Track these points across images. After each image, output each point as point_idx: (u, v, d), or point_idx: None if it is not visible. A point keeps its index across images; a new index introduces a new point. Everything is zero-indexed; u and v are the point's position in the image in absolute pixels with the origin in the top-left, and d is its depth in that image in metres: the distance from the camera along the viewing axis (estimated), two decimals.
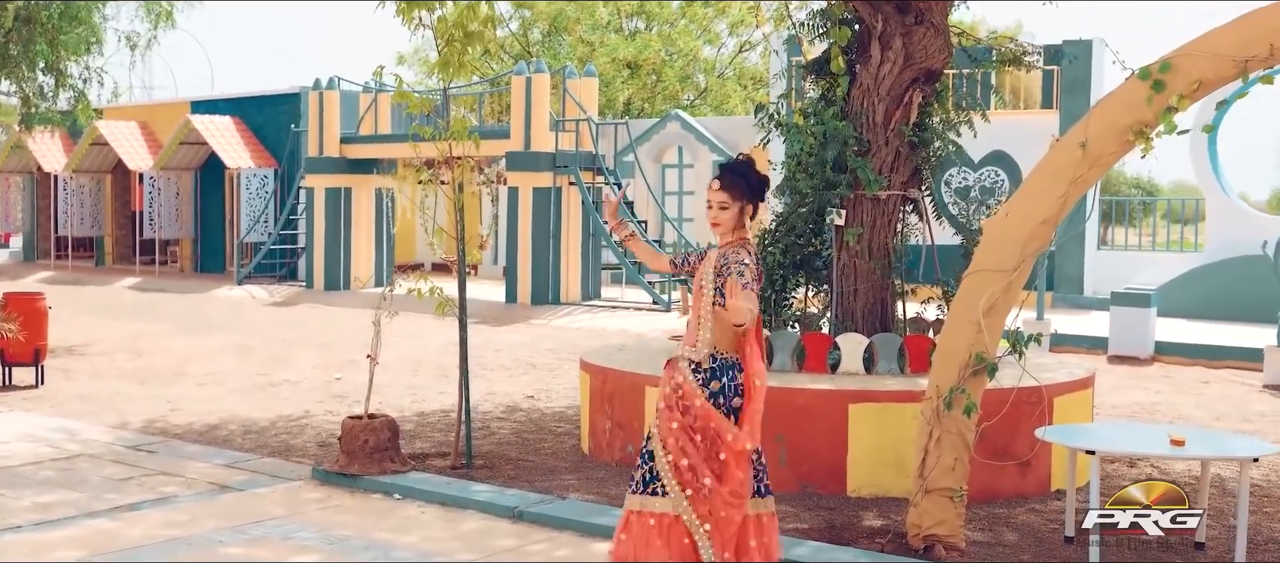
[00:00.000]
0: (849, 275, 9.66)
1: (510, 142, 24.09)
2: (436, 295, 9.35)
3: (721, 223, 6.08)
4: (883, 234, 9.66)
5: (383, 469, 8.82)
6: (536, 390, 13.67)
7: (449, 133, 9.60)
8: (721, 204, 6.07)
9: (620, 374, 9.36)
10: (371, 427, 8.93)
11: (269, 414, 12.05)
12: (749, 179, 6.09)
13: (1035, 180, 7.02)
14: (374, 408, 12.40)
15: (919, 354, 9.27)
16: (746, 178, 6.09)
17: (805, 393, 8.55)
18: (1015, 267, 6.99)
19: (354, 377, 14.56)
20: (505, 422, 11.57)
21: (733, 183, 6.07)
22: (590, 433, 9.80)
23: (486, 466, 9.41)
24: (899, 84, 9.45)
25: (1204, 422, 12.56)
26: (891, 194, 9.54)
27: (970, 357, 7.06)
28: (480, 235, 30.64)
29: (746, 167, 6.14)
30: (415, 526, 7.80)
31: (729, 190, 6.07)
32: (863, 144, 9.42)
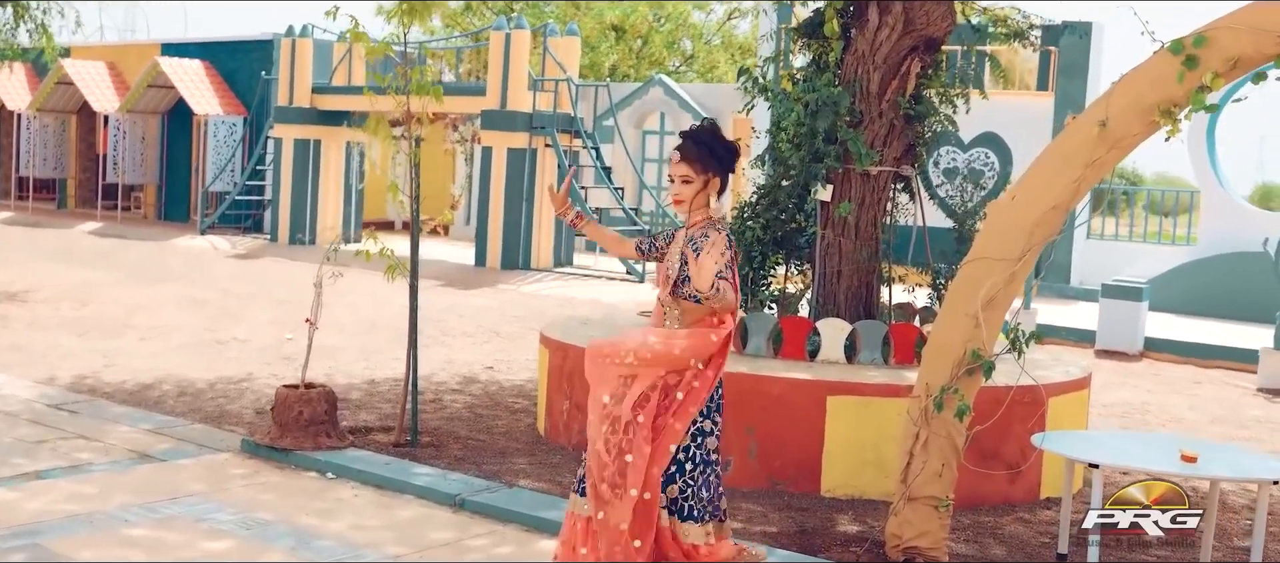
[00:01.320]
0: (833, 255, 8.95)
1: (486, 99, 23.26)
2: (386, 256, 8.51)
3: (684, 200, 5.41)
4: (871, 213, 8.94)
5: (317, 444, 8.09)
6: (498, 361, 12.94)
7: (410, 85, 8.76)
8: (683, 178, 5.38)
9: (580, 351, 8.57)
10: (307, 398, 8.19)
11: (209, 374, 11.30)
12: (714, 148, 5.38)
13: (1047, 161, 6.30)
14: (324, 372, 11.74)
15: (905, 345, 8.58)
16: (711, 147, 5.38)
17: (780, 382, 7.85)
18: (1020, 256, 6.28)
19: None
20: (460, 394, 10.85)
21: (695, 153, 5.37)
22: (547, 413, 9.09)
23: (433, 444, 8.69)
24: (897, 52, 8.72)
25: (1198, 426, 11.93)
26: (883, 170, 8.82)
27: (965, 353, 6.36)
28: (452, 195, 29.84)
29: (711, 134, 5.43)
30: (346, 510, 7.07)
31: (691, 162, 5.37)
32: (855, 115, 8.69)
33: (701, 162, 5.35)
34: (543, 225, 23.06)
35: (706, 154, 5.35)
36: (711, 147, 5.37)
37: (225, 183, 28.97)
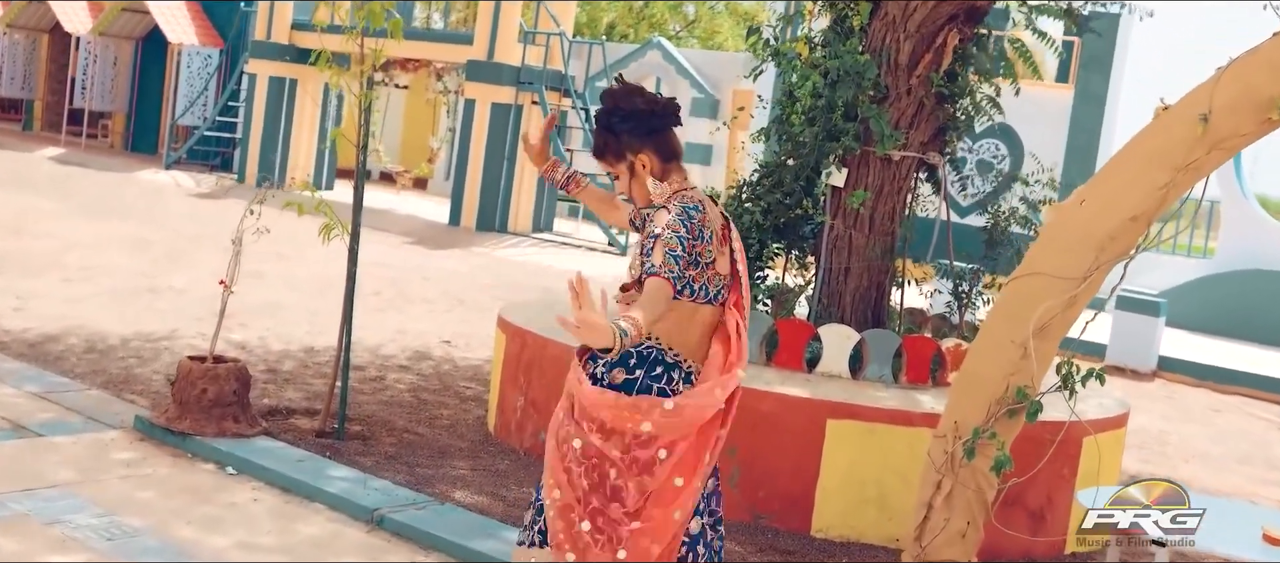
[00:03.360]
0: (841, 250, 7.71)
1: (473, 49, 21.93)
2: (322, 211, 7.23)
3: (628, 194, 4.20)
4: (889, 204, 7.71)
5: (221, 430, 6.83)
6: (456, 335, 11.68)
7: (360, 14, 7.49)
8: (611, 173, 4.18)
9: (541, 341, 7.39)
10: (213, 374, 6.93)
11: (129, 328, 10.02)
12: (614, 125, 4.10)
13: (1128, 161, 5.05)
14: (258, 335, 10.47)
15: (919, 361, 7.35)
16: (609, 127, 4.11)
17: (772, 398, 6.61)
18: (1085, 275, 5.05)
19: (252, 292, 12.49)
20: (406, 373, 9.58)
21: (601, 141, 4.16)
22: (499, 408, 7.83)
23: (362, 435, 7.44)
24: (933, 20, 7.47)
25: (1224, 465, 10.76)
26: (907, 156, 7.57)
27: (1008, 390, 5.13)
28: (431, 148, 28.49)
29: (611, 107, 4.12)
30: (238, 520, 5.82)
31: (601, 157, 4.18)
32: (880, 89, 7.44)
33: (611, 149, 4.11)
34: (523, 187, 21.76)
35: (610, 137, 4.10)
36: (609, 125, 4.09)
37: (195, 117, 27.58)
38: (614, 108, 4.07)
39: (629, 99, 4.08)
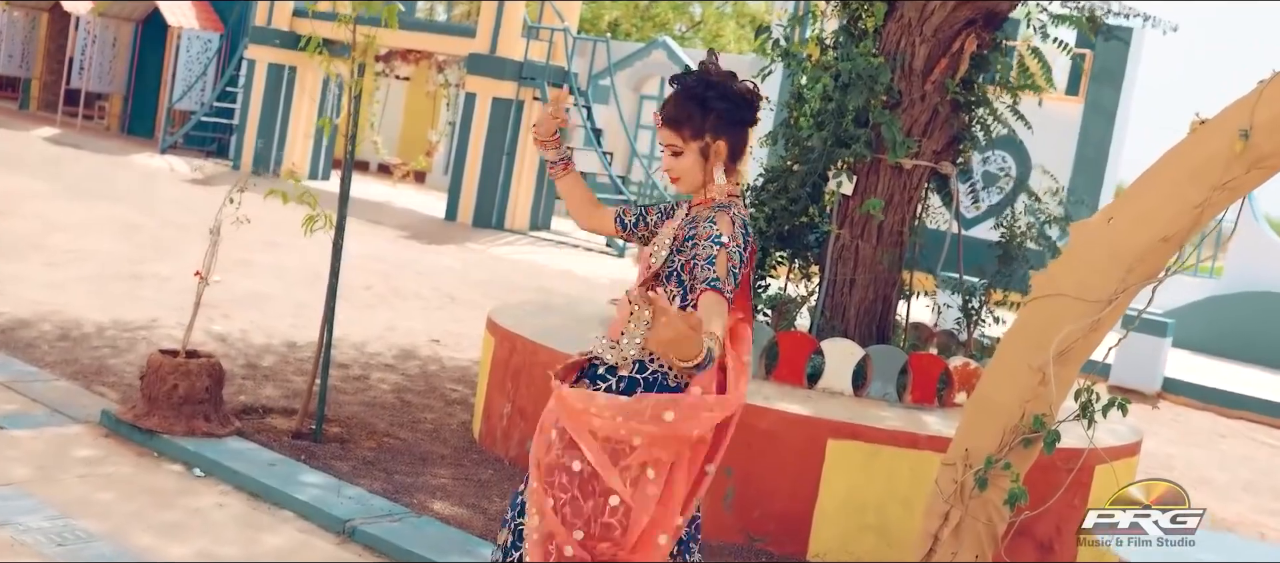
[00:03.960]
0: (847, 260, 7.39)
1: (475, 42, 21.58)
2: (306, 201, 6.89)
3: (680, 174, 3.74)
4: (899, 214, 7.39)
5: (191, 429, 6.50)
6: (447, 333, 11.34)
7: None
8: (671, 147, 3.72)
9: (531, 346, 7.05)
10: (185, 369, 6.59)
11: (107, 315, 9.68)
12: (708, 100, 3.70)
13: (1160, 178, 4.72)
14: (240, 327, 10.12)
15: (925, 380, 7.02)
16: (702, 99, 3.69)
17: (772, 415, 6.27)
18: (1111, 298, 4.72)
19: (238, 281, 12.19)
20: (392, 372, 9.25)
21: (682, 113, 3.69)
22: (485, 414, 7.50)
23: (341, 437, 7.11)
24: (950, 23, 7.14)
25: (1229, 492, 10.45)
26: (920, 165, 7.25)
27: (1024, 417, 4.81)
28: (429, 141, 28.14)
29: (702, 80, 3.73)
30: (200, 527, 5.49)
31: (676, 127, 3.70)
32: (894, 95, 7.11)
33: (692, 123, 3.67)
34: (522, 184, 21.41)
35: (698, 111, 3.66)
36: (703, 98, 3.67)
37: (193, 102, 27.22)
38: (714, 83, 3.72)
39: (730, 79, 3.74)
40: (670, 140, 3.71)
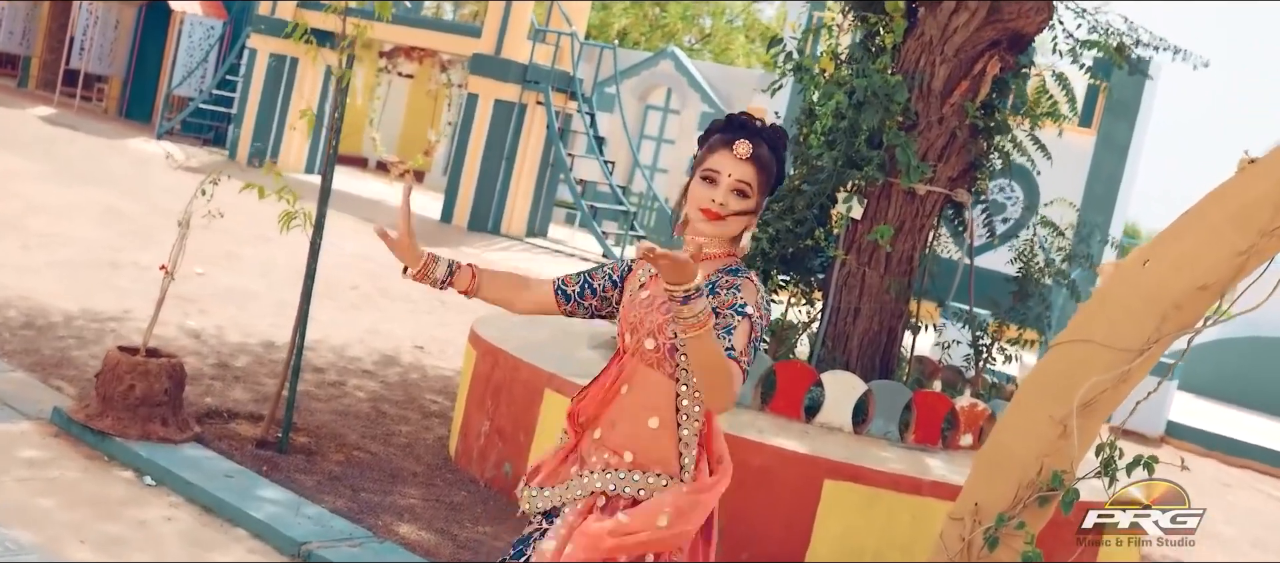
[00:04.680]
0: (853, 288, 6.99)
1: (480, 42, 21.17)
2: (284, 194, 6.49)
3: (725, 218, 3.20)
4: (909, 242, 7.00)
5: (146, 433, 6.08)
6: (431, 340, 10.93)
7: None
8: (740, 186, 3.19)
9: (514, 362, 6.65)
10: (144, 369, 6.18)
11: (77, 304, 9.27)
12: (780, 155, 3.28)
13: (1202, 220, 4.32)
14: (216, 324, 9.70)
15: (930, 420, 6.62)
16: (778, 152, 3.27)
17: (765, 450, 5.87)
18: (1144, 347, 4.32)
19: (221, 276, 11.80)
20: (369, 379, 8.84)
21: (767, 156, 3.22)
22: (462, 431, 7.09)
23: (308, 448, 6.70)
24: (973, 44, 6.76)
25: (1236, 547, 10.06)
26: (934, 192, 6.85)
27: (1042, 472, 4.41)
28: (428, 141, 27.72)
29: (782, 136, 3.30)
30: (143, 542, 5.08)
31: (761, 167, 3.20)
32: (910, 115, 6.72)
33: (768, 173, 3.23)
34: (520, 189, 20.99)
35: (774, 164, 3.25)
36: (780, 158, 3.28)
37: (192, 88, 26.81)
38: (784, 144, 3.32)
39: None
40: (747, 180, 3.19)
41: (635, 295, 3.28)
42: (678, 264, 2.71)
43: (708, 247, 3.19)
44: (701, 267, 3.04)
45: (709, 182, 3.19)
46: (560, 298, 3.40)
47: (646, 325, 3.20)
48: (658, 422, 3.20)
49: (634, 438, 3.20)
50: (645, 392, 3.21)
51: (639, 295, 3.26)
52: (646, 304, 3.22)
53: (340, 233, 16.98)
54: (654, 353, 3.18)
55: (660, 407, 3.20)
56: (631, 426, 3.22)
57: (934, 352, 8.38)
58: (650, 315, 3.19)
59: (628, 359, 3.26)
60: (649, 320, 3.19)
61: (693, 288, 2.76)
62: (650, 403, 3.20)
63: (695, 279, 2.76)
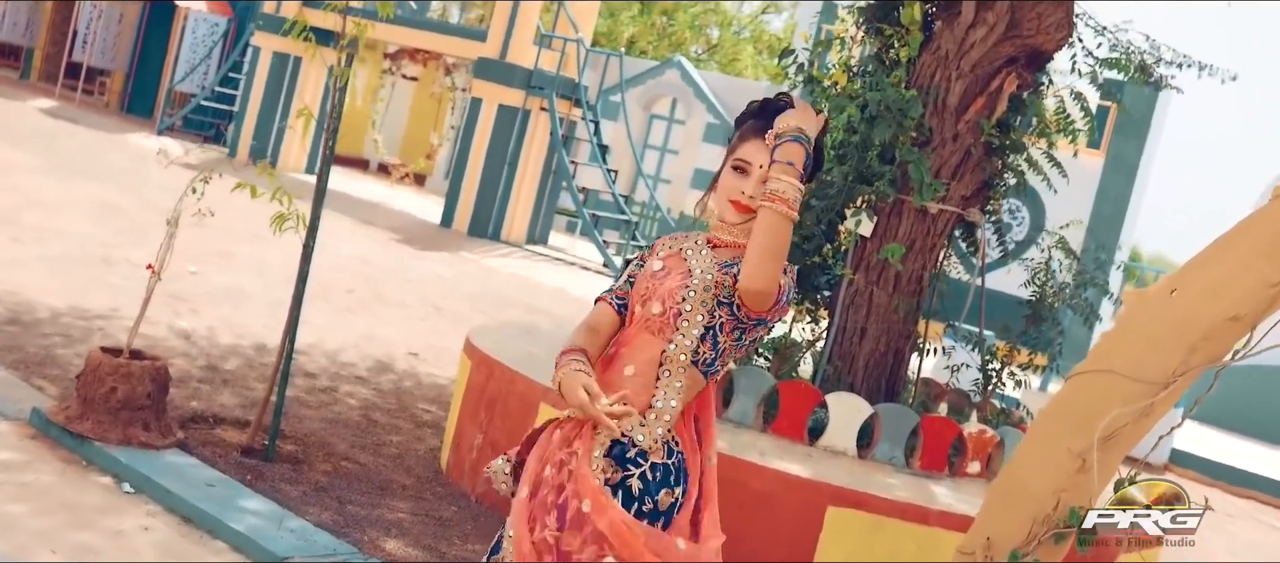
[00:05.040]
0: (860, 307, 6.80)
1: (485, 46, 20.98)
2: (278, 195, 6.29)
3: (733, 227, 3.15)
4: (919, 261, 6.80)
5: (127, 437, 5.88)
6: (427, 347, 10.72)
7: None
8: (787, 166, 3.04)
9: (509, 374, 6.45)
10: (126, 372, 5.97)
11: (66, 301, 9.07)
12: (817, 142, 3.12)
13: (1232, 248, 4.12)
14: (207, 325, 9.49)
15: (937, 446, 6.42)
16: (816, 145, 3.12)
17: (768, 475, 5.66)
18: (1169, 379, 4.11)
19: (216, 275, 11.61)
20: (362, 386, 8.63)
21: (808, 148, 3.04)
22: (454, 443, 6.88)
23: (295, 457, 6.49)
24: (990, 60, 6.57)
25: None
26: (946, 210, 6.65)
27: (1059, 507, 4.20)
28: (431, 144, 27.52)
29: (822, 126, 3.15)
30: (116, 553, 4.87)
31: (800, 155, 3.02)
32: (924, 131, 6.52)
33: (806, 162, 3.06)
34: (521, 195, 20.79)
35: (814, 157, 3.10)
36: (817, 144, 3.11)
37: (195, 85, 26.64)
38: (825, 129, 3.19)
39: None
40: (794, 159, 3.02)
41: (649, 267, 3.20)
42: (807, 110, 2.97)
43: (730, 235, 3.15)
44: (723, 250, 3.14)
45: (739, 172, 3.11)
46: (620, 313, 3.25)
47: (657, 292, 3.12)
48: (633, 370, 3.10)
49: (610, 387, 3.07)
50: (633, 352, 3.12)
51: (652, 267, 3.19)
52: (661, 275, 3.14)
53: (338, 235, 16.80)
54: (659, 318, 3.10)
55: (640, 360, 3.10)
56: (611, 377, 3.11)
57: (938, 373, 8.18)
58: (663, 284, 3.11)
59: (629, 330, 3.17)
60: (660, 289, 3.11)
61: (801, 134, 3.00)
62: (632, 358, 3.11)
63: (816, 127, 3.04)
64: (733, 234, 3.13)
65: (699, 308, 3.06)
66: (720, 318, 3.06)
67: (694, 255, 3.14)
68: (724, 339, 3.09)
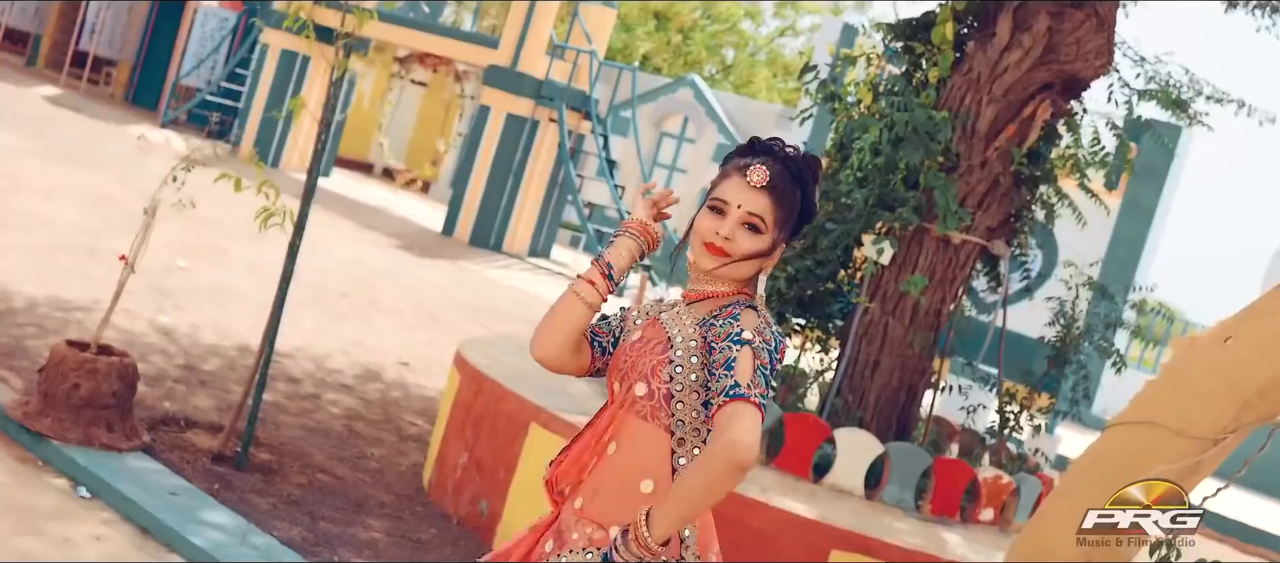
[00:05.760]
0: (874, 339, 6.42)
1: (497, 54, 20.63)
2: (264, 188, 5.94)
3: (733, 254, 2.71)
4: (939, 294, 6.43)
5: (88, 438, 5.51)
6: (418, 357, 10.34)
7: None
8: (752, 219, 2.70)
9: (500, 391, 6.07)
10: (91, 368, 5.61)
11: (45, 291, 8.71)
12: (807, 196, 2.77)
13: None
14: (191, 322, 9.11)
15: (949, 491, 6.05)
16: (804, 192, 2.76)
17: (768, 512, 5.28)
18: (1219, 435, 3.75)
19: (206, 271, 11.26)
20: (348, 394, 8.26)
21: (787, 190, 2.72)
22: (438, 461, 6.50)
23: (269, 466, 6.12)
24: (1025, 86, 6.21)
25: None
26: (970, 241, 6.28)
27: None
28: (437, 150, 27.16)
29: (812, 166, 2.80)
30: None
31: (778, 199, 2.71)
32: (951, 157, 6.15)
33: (786, 209, 2.73)
34: (526, 207, 20.41)
35: (796, 197, 2.75)
36: (805, 190, 2.77)
37: (201, 79, 26.30)
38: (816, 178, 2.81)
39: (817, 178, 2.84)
40: (760, 211, 2.69)
41: (627, 338, 2.79)
42: None
43: (710, 284, 2.74)
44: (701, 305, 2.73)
45: (716, 212, 2.71)
46: (596, 352, 2.86)
47: (639, 370, 2.70)
48: (652, 486, 2.68)
49: (623, 507, 2.66)
50: (636, 450, 2.70)
51: (630, 338, 2.78)
52: (639, 347, 2.73)
53: (337, 238, 16.44)
54: (646, 401, 2.69)
55: (653, 467, 2.68)
56: (620, 492, 2.69)
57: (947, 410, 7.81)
58: (643, 359, 2.70)
59: (616, 412, 2.75)
60: (641, 364, 2.70)
61: None
62: (641, 463, 2.69)
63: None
64: (710, 282, 2.75)
65: (689, 384, 2.66)
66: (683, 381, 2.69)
67: (672, 322, 2.74)
68: None
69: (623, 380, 2.74)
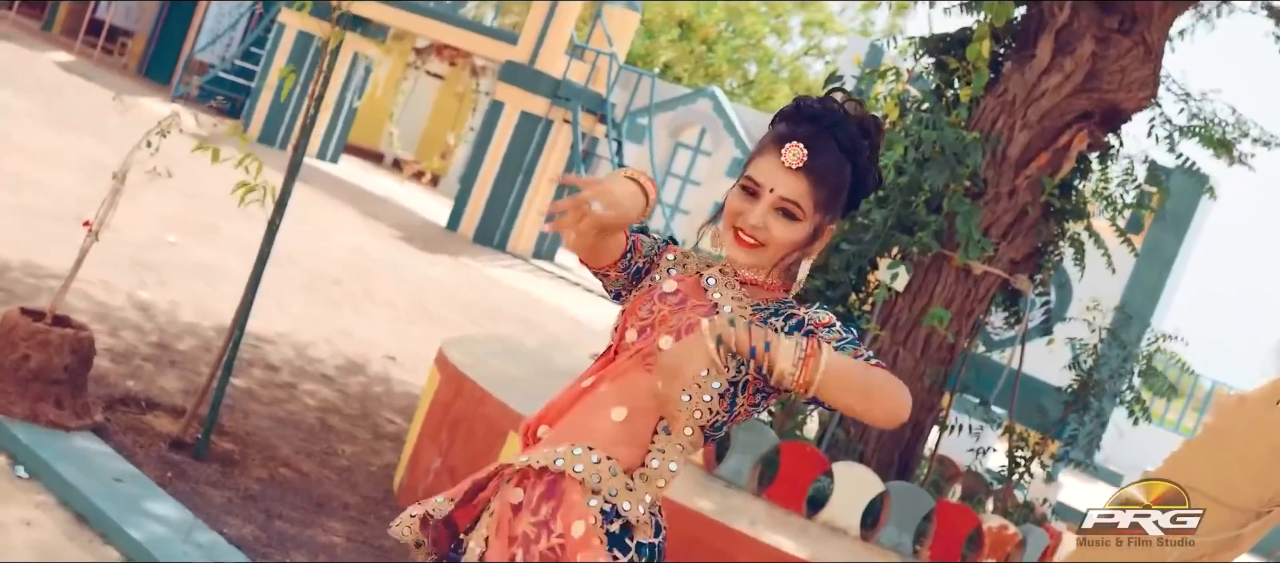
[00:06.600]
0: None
1: (516, 50, 20.27)
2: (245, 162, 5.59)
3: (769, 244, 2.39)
4: (954, 326, 6.04)
5: (34, 413, 5.13)
6: (406, 353, 9.95)
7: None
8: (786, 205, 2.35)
9: (480, 394, 5.69)
10: (43, 339, 5.23)
11: (21, 255, 8.35)
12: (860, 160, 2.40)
13: None
14: (171, 298, 8.77)
15: (951, 537, 5.65)
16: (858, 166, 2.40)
17: (756, 548, 4.89)
18: (1263, 507, 3.35)
19: (195, 248, 10.89)
20: (326, 386, 7.88)
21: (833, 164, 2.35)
22: (411, 463, 6.12)
23: (230, 457, 5.74)
24: (1062, 113, 5.84)
25: None
26: (992, 273, 5.89)
27: None
28: (447, 143, 26.79)
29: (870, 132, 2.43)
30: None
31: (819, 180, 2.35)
32: (978, 182, 5.77)
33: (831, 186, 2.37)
34: (533, 207, 20.03)
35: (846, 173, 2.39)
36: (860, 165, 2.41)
37: (216, 55, 25.99)
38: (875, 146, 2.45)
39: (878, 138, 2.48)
40: (795, 195, 2.35)
41: (658, 287, 2.45)
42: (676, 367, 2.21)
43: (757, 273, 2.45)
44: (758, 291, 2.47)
45: (748, 193, 2.36)
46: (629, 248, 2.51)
47: (671, 324, 2.39)
48: (624, 414, 2.37)
49: (589, 430, 2.36)
50: (624, 391, 2.39)
51: (662, 287, 2.45)
52: (674, 302, 2.41)
53: (339, 223, 16.11)
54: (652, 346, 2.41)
55: (635, 406, 2.37)
56: (590, 418, 2.38)
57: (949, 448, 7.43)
58: (681, 315, 2.39)
59: (619, 361, 2.43)
60: (676, 320, 2.38)
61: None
62: (623, 399, 2.38)
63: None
64: (752, 271, 2.43)
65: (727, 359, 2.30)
66: (746, 375, 2.33)
67: (719, 287, 2.42)
68: (743, 400, 2.37)
69: (642, 332, 2.41)
